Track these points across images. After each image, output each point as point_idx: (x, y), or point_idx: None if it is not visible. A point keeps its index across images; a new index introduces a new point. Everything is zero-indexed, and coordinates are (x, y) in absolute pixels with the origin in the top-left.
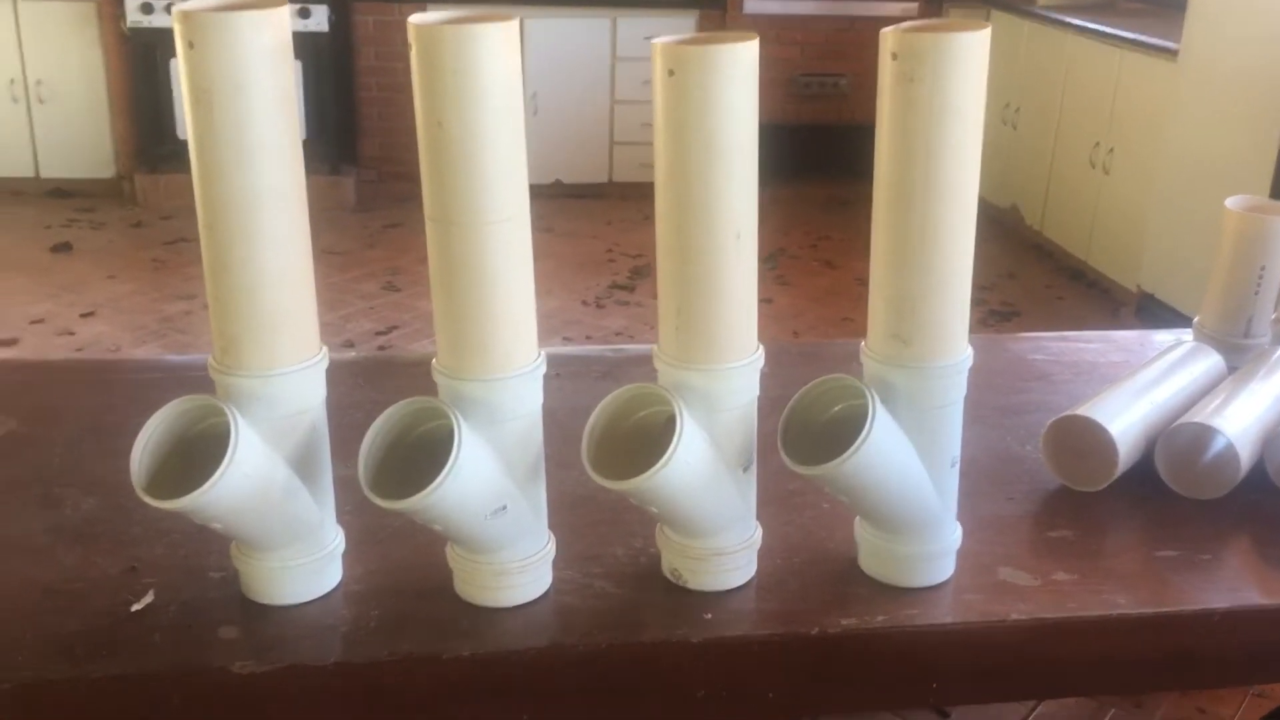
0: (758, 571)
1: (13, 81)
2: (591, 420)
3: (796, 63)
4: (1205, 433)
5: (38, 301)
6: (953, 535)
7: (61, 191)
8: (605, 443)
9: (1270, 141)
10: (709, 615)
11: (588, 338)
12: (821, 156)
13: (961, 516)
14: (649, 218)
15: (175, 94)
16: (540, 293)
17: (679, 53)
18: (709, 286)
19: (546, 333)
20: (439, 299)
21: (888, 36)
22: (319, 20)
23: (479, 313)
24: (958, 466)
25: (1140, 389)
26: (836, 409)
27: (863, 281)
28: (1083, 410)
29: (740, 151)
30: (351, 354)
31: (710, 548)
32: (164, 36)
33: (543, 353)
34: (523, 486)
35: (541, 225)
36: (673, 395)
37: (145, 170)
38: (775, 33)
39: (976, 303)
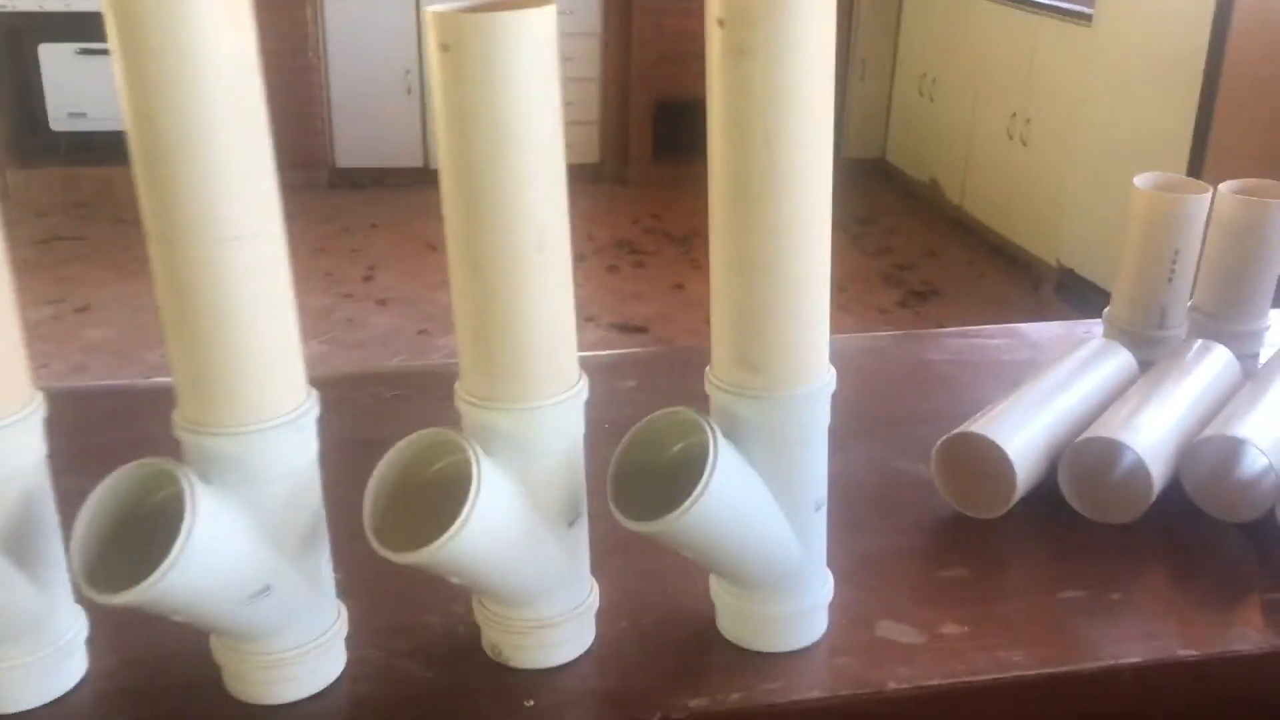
0: (597, 639)
1: None
2: (376, 475)
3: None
4: (1112, 448)
5: None
6: (821, 589)
7: None
8: (401, 499)
9: (1188, 109)
10: (531, 702)
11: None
12: None
13: (838, 556)
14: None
15: (46, 83)
16: (440, 285)
17: (455, 23)
18: (510, 310)
19: (449, 328)
20: (170, 336)
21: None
22: None
23: (217, 352)
24: (825, 509)
25: (1042, 397)
26: (678, 447)
27: None
28: (976, 427)
29: (538, 144)
30: None
31: (532, 619)
32: (32, 21)
33: (313, 392)
34: (295, 559)
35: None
36: (470, 442)
37: (17, 165)
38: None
39: (895, 282)
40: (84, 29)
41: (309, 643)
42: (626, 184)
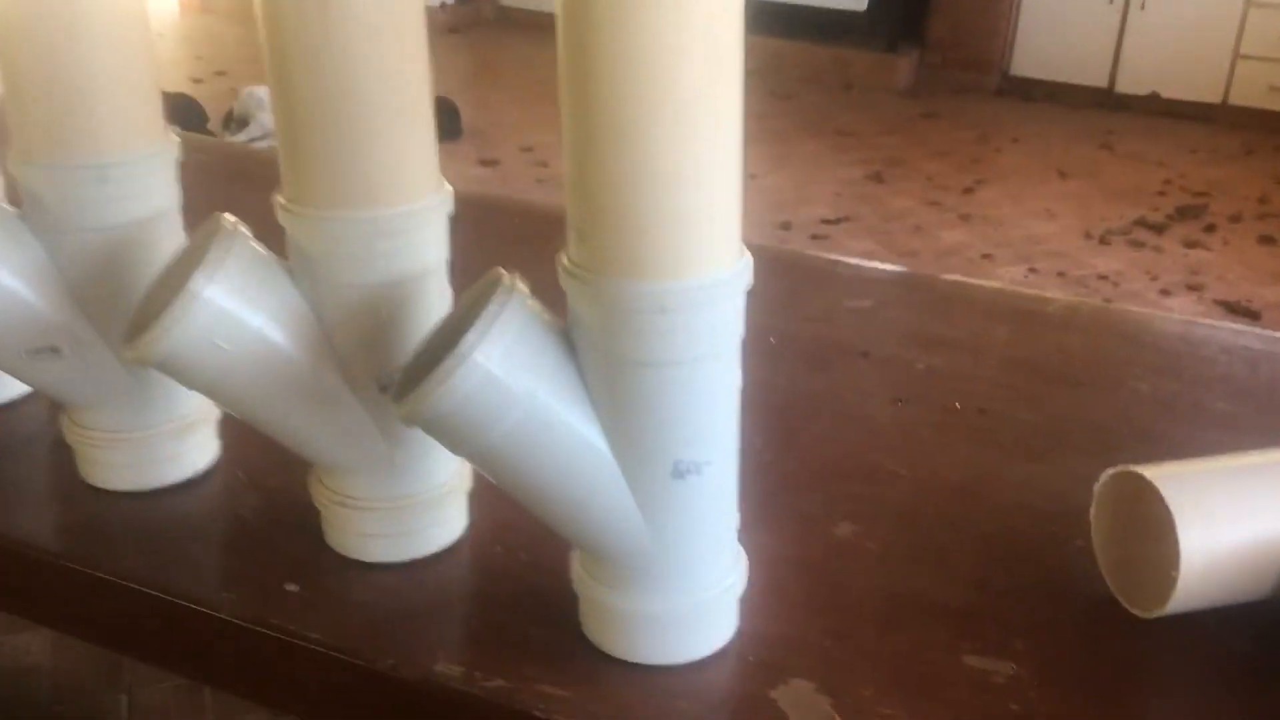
0: (440, 573)
1: None
2: (151, 282)
3: None
4: None
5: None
6: (688, 597)
7: None
8: None
9: None
10: (294, 587)
11: (1059, 274)
12: None
13: (838, 589)
14: (1253, 152)
15: None
16: (1042, 215)
17: None
18: (309, 106)
19: (1018, 259)
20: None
21: None
22: None
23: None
24: (707, 477)
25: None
26: None
27: None
28: (1152, 472)
29: None
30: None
31: (339, 490)
32: None
33: (171, 142)
34: (99, 325)
35: (1100, 142)
36: (222, 242)
37: None
38: None
39: None
40: None
41: (130, 430)
42: None
